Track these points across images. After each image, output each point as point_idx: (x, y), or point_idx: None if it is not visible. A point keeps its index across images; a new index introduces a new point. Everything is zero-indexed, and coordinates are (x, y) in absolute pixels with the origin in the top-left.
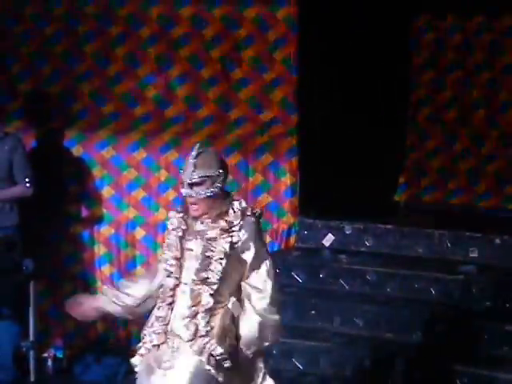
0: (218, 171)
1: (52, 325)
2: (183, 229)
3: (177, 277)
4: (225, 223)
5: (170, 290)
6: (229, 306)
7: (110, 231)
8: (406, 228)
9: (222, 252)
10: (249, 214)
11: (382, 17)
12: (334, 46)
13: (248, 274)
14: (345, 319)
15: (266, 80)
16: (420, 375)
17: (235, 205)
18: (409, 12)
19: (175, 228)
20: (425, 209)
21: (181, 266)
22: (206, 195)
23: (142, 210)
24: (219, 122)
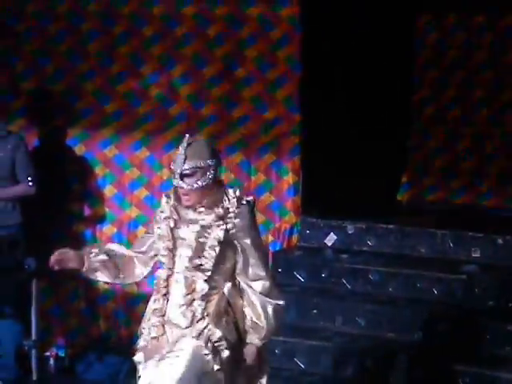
0: (209, 161)
1: (54, 323)
2: (175, 218)
3: (170, 267)
4: (221, 210)
5: (163, 281)
6: (224, 292)
7: (112, 230)
8: (408, 228)
9: (216, 239)
10: (243, 202)
11: (385, 16)
12: (337, 45)
13: (245, 262)
14: (347, 319)
15: (269, 79)
16: (422, 375)
17: (230, 192)
18: (412, 11)
19: (166, 217)
20: (427, 208)
21: (173, 256)
22: (198, 186)
23: (145, 209)
24: (222, 120)
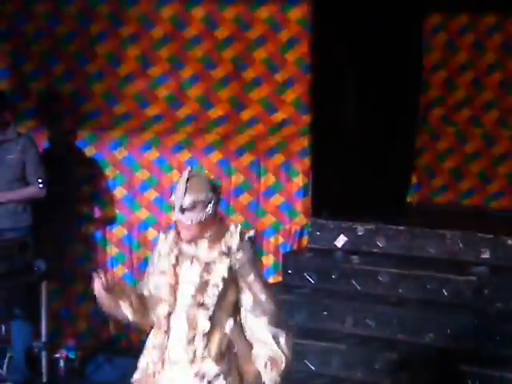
0: (209, 195)
1: (64, 325)
2: (176, 255)
3: (171, 304)
4: (223, 246)
5: (164, 318)
6: (226, 331)
7: (122, 232)
8: (417, 229)
9: (220, 277)
10: (246, 238)
11: (394, 17)
12: (347, 47)
13: (254, 299)
14: (357, 320)
15: (278, 80)
16: (432, 376)
17: (232, 228)
18: (421, 12)
19: (167, 254)
20: (437, 210)
21: (175, 291)
22: (198, 220)
23: (155, 211)
24: (231, 122)
